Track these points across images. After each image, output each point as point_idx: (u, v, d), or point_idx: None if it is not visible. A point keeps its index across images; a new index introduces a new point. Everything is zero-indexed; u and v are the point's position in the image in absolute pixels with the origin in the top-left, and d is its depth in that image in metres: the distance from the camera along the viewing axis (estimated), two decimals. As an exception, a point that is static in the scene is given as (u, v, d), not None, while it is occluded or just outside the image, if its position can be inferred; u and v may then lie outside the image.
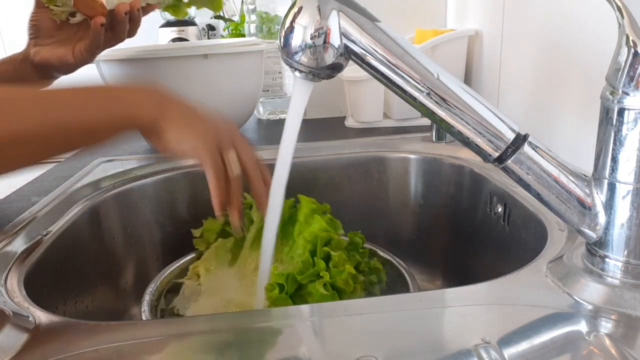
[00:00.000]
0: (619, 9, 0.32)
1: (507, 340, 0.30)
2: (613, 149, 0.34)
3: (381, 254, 0.59)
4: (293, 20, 0.37)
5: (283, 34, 0.38)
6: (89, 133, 0.43)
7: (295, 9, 0.37)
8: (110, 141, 0.45)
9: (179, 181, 0.71)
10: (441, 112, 0.36)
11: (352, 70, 0.77)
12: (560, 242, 0.43)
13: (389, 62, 0.36)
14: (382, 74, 0.37)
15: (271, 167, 0.48)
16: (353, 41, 0.37)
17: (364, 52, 0.37)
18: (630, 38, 0.32)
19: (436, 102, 0.36)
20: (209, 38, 1.96)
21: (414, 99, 0.36)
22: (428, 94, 0.36)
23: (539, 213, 0.49)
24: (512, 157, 0.36)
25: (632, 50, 0.32)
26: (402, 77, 0.36)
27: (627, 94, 0.33)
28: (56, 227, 0.53)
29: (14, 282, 0.42)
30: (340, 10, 0.36)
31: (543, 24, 0.64)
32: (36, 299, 0.39)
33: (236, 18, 1.56)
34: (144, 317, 0.50)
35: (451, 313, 0.34)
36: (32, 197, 0.60)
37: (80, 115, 0.42)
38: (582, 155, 0.57)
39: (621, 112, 0.33)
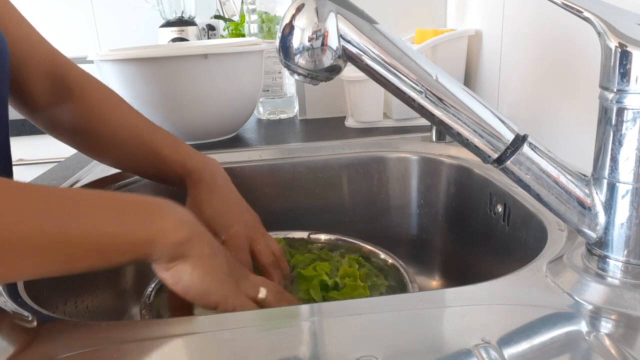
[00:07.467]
0: (594, 21, 0.33)
1: (507, 340, 0.30)
2: (612, 149, 0.34)
3: (382, 256, 0.59)
4: (291, 23, 0.37)
5: (280, 36, 0.38)
6: (91, 251, 0.36)
7: (292, 11, 0.37)
8: (116, 264, 0.37)
9: (179, 181, 0.71)
10: (440, 114, 0.36)
11: (352, 70, 0.77)
12: (560, 242, 0.43)
13: (388, 64, 0.36)
14: (381, 76, 0.37)
15: (271, 167, 0.47)
16: (351, 43, 0.37)
17: (362, 54, 0.37)
18: (614, 43, 0.32)
19: (435, 103, 0.36)
20: (209, 38, 1.96)
21: (413, 100, 0.36)
22: (427, 95, 0.36)
23: (539, 213, 0.49)
24: (512, 158, 0.36)
25: (619, 50, 0.32)
26: (400, 79, 0.36)
27: (625, 93, 0.33)
28: (56, 228, 0.53)
29: (15, 282, 0.42)
30: (338, 12, 0.36)
31: (543, 24, 0.64)
32: (36, 299, 0.39)
33: (236, 18, 1.56)
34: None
35: (451, 313, 0.34)
36: (32, 198, 0.60)
37: (87, 228, 0.35)
38: (581, 155, 0.57)
39: (619, 111, 0.33)
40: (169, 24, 1.86)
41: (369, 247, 0.61)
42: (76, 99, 0.58)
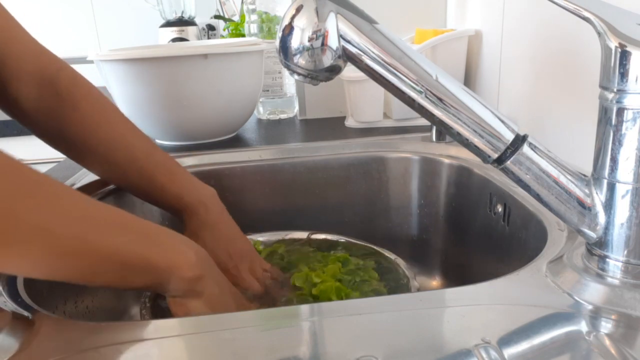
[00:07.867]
0: (594, 21, 0.33)
1: (507, 340, 0.30)
2: (612, 149, 0.34)
3: (383, 255, 0.59)
4: (290, 23, 0.37)
5: (280, 36, 0.38)
6: (113, 266, 0.37)
7: (292, 11, 0.37)
8: (132, 286, 0.40)
9: (179, 181, 0.71)
10: (440, 114, 0.36)
11: (352, 70, 0.77)
12: (560, 242, 0.43)
13: (388, 64, 0.36)
14: (381, 76, 0.37)
15: (271, 167, 0.48)
16: (351, 43, 0.37)
17: (362, 54, 0.37)
18: (614, 43, 0.32)
19: (435, 103, 0.36)
20: (209, 38, 1.96)
21: (413, 100, 0.36)
22: (427, 95, 0.36)
23: (539, 213, 0.49)
24: (512, 158, 0.36)
25: (619, 50, 0.32)
26: (400, 79, 0.36)
27: (625, 93, 0.33)
28: (56, 228, 0.53)
29: (14, 282, 0.42)
30: (338, 13, 0.36)
31: (543, 24, 0.64)
32: (36, 299, 0.39)
33: (236, 18, 1.56)
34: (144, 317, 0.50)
35: (451, 313, 0.34)
36: (32, 198, 0.60)
37: (114, 246, 0.37)
38: (581, 155, 0.57)
39: (619, 111, 0.33)
40: (169, 24, 1.86)
41: (368, 247, 0.61)
42: (67, 109, 0.53)
